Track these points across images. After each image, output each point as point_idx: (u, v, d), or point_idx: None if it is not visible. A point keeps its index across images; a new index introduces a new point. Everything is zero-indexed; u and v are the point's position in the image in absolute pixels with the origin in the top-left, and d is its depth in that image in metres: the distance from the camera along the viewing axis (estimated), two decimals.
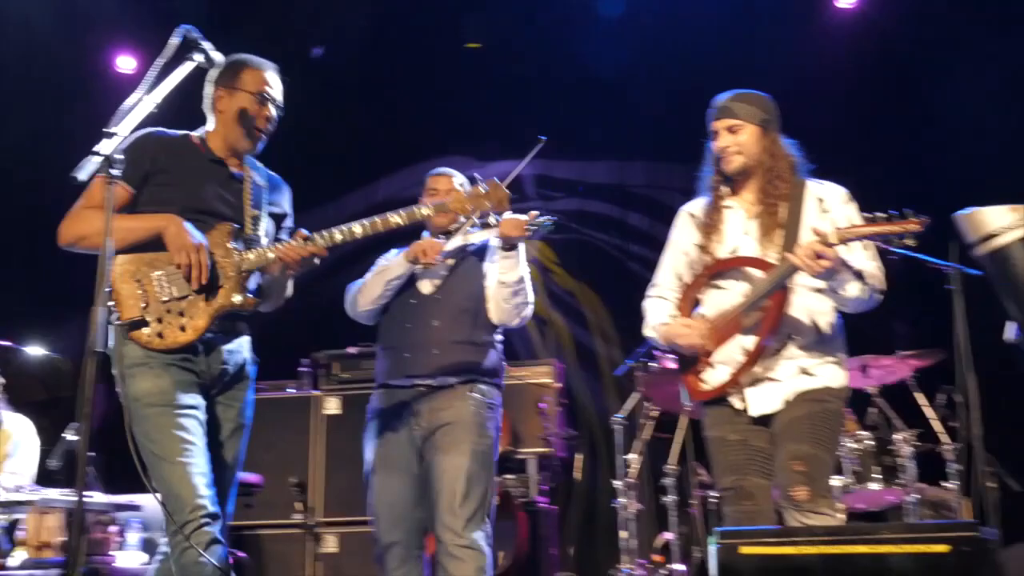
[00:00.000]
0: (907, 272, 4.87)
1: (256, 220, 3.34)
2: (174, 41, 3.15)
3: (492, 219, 3.83)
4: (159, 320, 3.14)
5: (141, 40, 7.12)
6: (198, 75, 3.25)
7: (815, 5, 7.06)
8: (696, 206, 3.60)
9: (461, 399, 3.77)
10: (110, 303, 3.10)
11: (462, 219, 3.95)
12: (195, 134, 3.43)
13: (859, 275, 3.23)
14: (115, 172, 2.82)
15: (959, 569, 2.38)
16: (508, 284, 3.80)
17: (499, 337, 3.99)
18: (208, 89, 3.46)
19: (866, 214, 3.14)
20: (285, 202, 3.57)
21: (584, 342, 7.56)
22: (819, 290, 3.30)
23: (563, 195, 7.68)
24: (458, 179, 4.11)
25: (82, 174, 2.80)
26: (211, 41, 3.20)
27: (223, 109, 3.39)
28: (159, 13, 6.73)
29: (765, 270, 3.28)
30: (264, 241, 3.39)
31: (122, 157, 3.16)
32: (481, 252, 4.02)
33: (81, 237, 3.21)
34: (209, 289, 3.19)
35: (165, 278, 3.18)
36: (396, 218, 3.33)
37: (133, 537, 5.06)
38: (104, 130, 2.87)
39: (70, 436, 4.61)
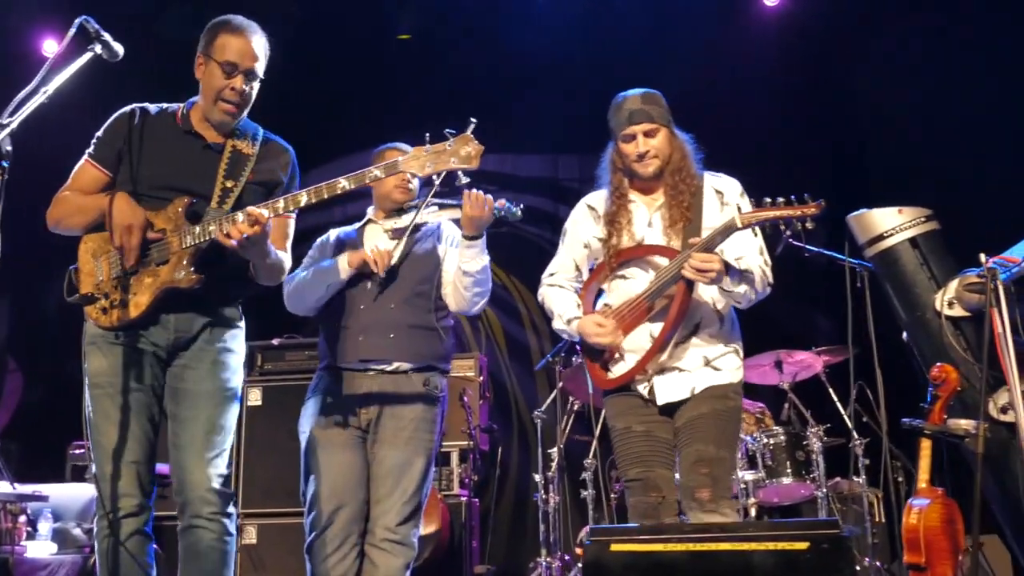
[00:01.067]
0: (825, 269, 4.97)
1: (227, 192, 3.19)
2: (71, 31, 3.14)
3: (452, 198, 3.71)
4: (106, 296, 3.12)
5: (68, 23, 7.04)
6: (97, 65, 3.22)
7: (741, 2, 7.15)
8: (596, 199, 3.61)
9: (413, 390, 3.70)
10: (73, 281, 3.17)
11: (416, 200, 3.86)
12: (180, 106, 3.36)
13: (742, 274, 3.30)
14: (6, 164, 2.79)
15: (817, 566, 2.44)
16: (471, 274, 3.71)
17: (451, 322, 3.91)
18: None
19: (767, 198, 3.21)
20: (280, 170, 3.37)
21: (516, 336, 7.60)
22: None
23: (495, 188, 7.70)
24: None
25: None
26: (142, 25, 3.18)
27: (200, 77, 3.28)
28: None
29: (670, 257, 3.32)
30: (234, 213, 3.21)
31: (100, 137, 3.27)
32: (436, 233, 3.91)
33: (58, 220, 3.24)
34: (158, 265, 3.12)
35: (116, 256, 3.14)
36: (344, 183, 3.04)
37: (44, 527, 5.05)
38: None
39: None
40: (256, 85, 3.31)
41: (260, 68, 3.29)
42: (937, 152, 6.07)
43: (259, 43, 3.28)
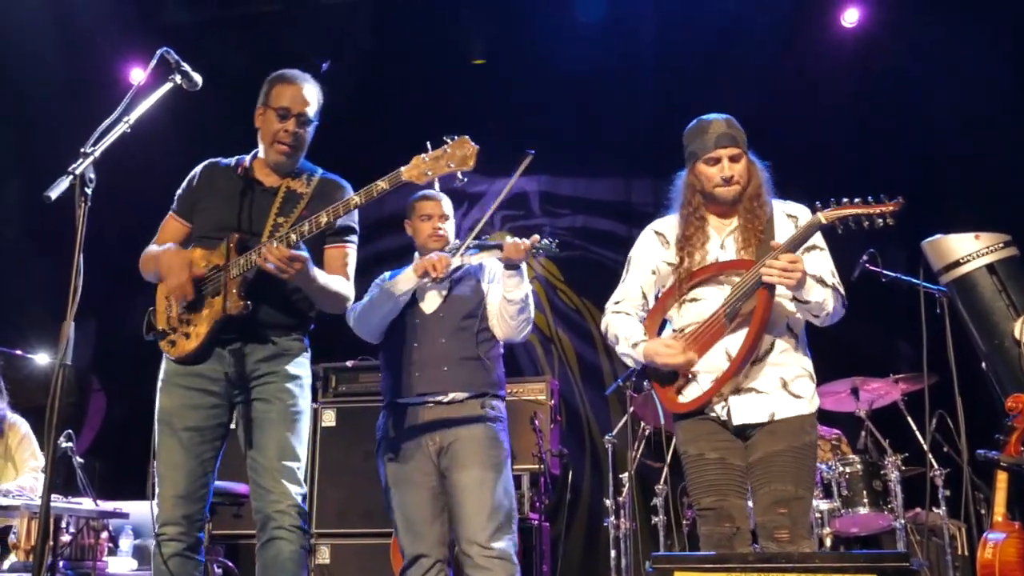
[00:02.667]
0: (906, 294, 4.88)
1: (277, 227, 3.40)
2: (152, 63, 3.27)
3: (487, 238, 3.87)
4: (174, 330, 3.43)
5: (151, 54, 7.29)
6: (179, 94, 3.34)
7: (820, 23, 7.08)
8: (663, 225, 3.60)
9: (472, 413, 3.84)
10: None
11: (457, 242, 4.04)
12: (248, 156, 3.62)
13: (821, 280, 3.28)
14: (88, 191, 2.91)
15: None
16: (514, 302, 3.88)
17: (501, 351, 4.06)
18: None
19: (844, 199, 3.22)
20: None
21: (589, 359, 7.58)
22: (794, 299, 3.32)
23: (569, 212, 7.73)
24: (446, 203, 4.16)
25: (54, 193, 2.89)
26: (214, 55, 3.31)
27: (259, 126, 3.56)
28: (169, 28, 6.89)
29: (746, 269, 3.29)
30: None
31: (180, 192, 3.62)
32: (478, 270, 4.09)
33: (142, 273, 3.58)
34: (213, 297, 3.37)
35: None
36: (356, 198, 3.25)
37: (125, 543, 5.17)
38: (81, 150, 2.96)
39: (63, 443, 4.72)
40: (310, 130, 3.55)
41: (311, 112, 3.54)
42: (1018, 175, 5.92)
43: (310, 91, 3.54)
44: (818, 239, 3.39)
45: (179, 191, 3.62)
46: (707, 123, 3.45)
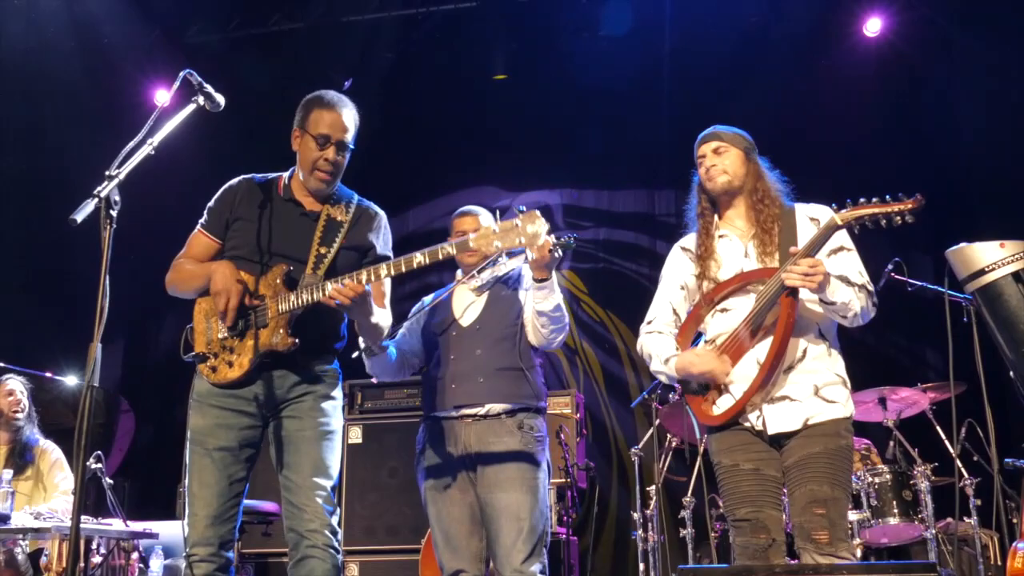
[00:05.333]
0: (933, 305, 4.85)
1: (321, 258, 3.41)
2: (175, 84, 3.31)
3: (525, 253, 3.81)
4: (215, 355, 3.40)
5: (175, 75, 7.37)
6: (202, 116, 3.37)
7: (842, 32, 7.06)
8: (688, 241, 3.62)
9: (510, 433, 3.78)
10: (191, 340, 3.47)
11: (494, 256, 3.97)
12: (283, 175, 3.60)
13: (847, 280, 3.25)
14: (113, 213, 2.94)
15: None
16: (544, 313, 3.81)
17: (539, 360, 4.01)
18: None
19: (862, 199, 3.20)
20: (373, 235, 3.59)
21: (614, 371, 7.58)
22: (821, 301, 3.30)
23: (592, 224, 7.73)
24: (485, 218, 4.09)
25: (80, 216, 2.91)
26: (238, 74, 3.32)
27: (296, 149, 3.53)
28: (193, 49, 6.96)
29: (769, 277, 3.28)
30: (322, 278, 3.43)
31: (211, 207, 3.55)
32: (516, 279, 4.04)
33: (173, 285, 3.53)
34: (259, 328, 3.36)
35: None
36: (420, 257, 3.25)
37: (156, 564, 5.19)
38: (107, 172, 2.99)
39: (92, 464, 4.75)
40: (347, 155, 3.52)
41: (350, 138, 3.51)
42: None
43: (349, 116, 3.50)
44: (845, 239, 3.37)
45: (210, 206, 3.57)
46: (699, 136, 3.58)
